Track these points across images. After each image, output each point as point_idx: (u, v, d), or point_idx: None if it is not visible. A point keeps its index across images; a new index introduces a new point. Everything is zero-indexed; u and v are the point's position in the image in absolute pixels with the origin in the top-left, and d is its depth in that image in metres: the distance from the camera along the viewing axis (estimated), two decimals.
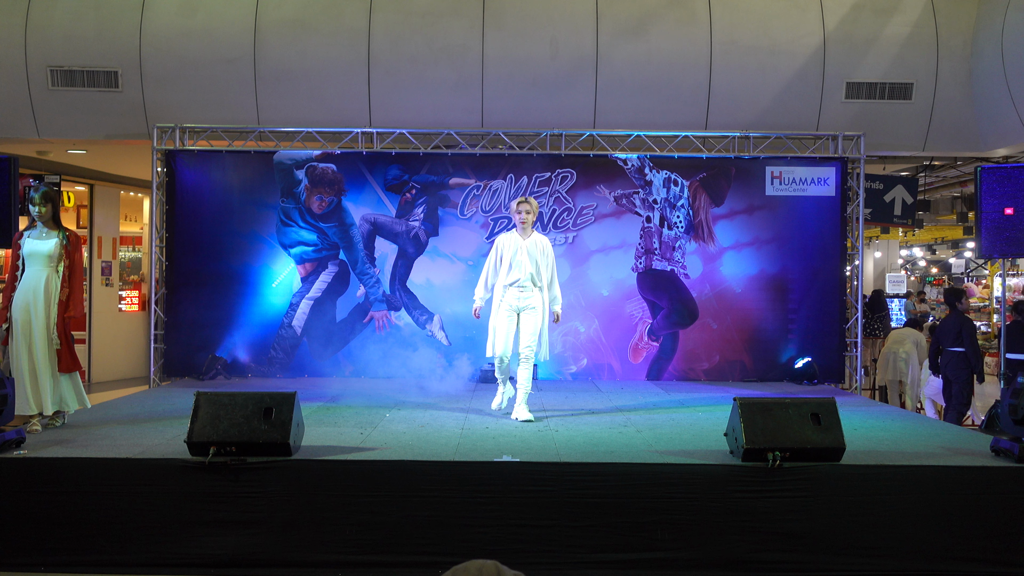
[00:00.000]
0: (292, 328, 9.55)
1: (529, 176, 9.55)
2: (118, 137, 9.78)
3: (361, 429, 6.29)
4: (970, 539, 5.05)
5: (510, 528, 5.01)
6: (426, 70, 9.57)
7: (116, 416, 6.86)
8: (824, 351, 9.55)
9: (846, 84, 9.70)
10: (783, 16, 9.68)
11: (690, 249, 9.65)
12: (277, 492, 5.08)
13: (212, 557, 4.98)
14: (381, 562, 4.96)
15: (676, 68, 9.63)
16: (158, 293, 9.47)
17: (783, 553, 5.01)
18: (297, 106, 9.60)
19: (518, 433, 6.26)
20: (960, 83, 9.75)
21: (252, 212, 9.58)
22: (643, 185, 9.61)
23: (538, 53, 9.58)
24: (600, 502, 5.06)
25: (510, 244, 6.90)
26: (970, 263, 22.43)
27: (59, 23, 9.41)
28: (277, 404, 5.23)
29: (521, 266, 6.82)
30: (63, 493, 5.10)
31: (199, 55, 9.47)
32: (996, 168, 6.77)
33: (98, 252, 12.28)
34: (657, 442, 5.94)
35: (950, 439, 6.25)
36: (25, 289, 6.18)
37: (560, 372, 9.63)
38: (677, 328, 9.65)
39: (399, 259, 9.63)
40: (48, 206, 6.28)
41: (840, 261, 9.62)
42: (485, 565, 1.72)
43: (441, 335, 9.59)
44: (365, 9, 9.51)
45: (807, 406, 5.29)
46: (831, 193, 9.57)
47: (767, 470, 5.06)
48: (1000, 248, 6.73)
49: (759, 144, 9.61)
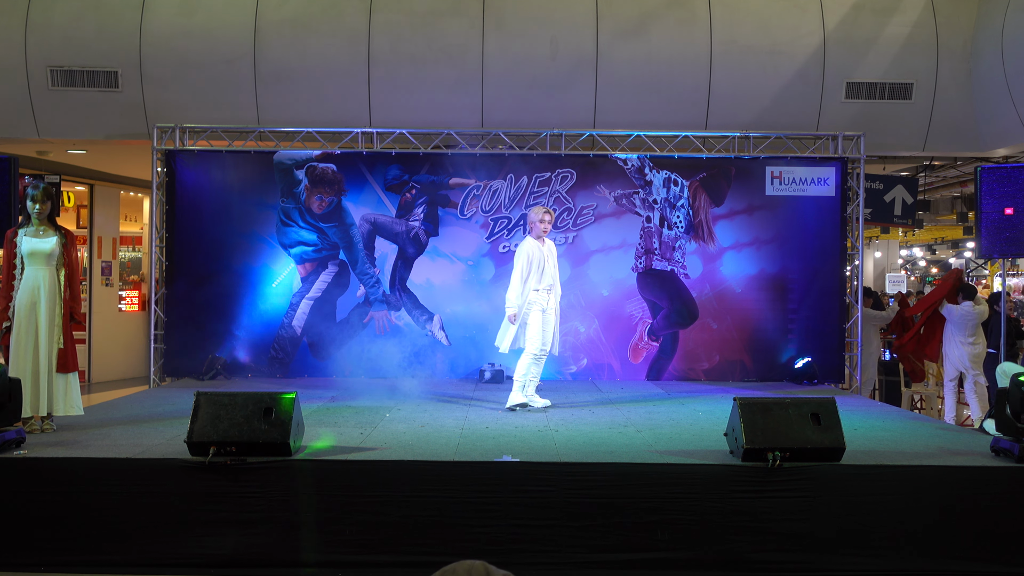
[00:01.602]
0: (292, 328, 9.55)
1: (529, 176, 9.55)
2: (118, 137, 9.78)
3: (361, 429, 6.29)
4: (970, 539, 5.05)
5: (510, 528, 5.01)
6: (426, 70, 9.57)
7: (116, 416, 6.86)
8: (824, 351, 9.55)
9: (846, 84, 9.71)
10: (783, 16, 9.68)
11: (690, 249, 9.65)
12: (277, 492, 5.07)
13: (212, 557, 4.98)
14: (381, 562, 4.96)
15: (676, 68, 9.64)
16: (158, 293, 9.47)
17: (783, 553, 5.01)
18: (297, 106, 9.60)
19: (518, 433, 6.26)
20: (960, 83, 9.75)
21: (252, 212, 9.57)
22: (643, 185, 9.61)
23: (538, 53, 9.58)
24: (600, 502, 5.06)
25: (536, 251, 7.31)
26: (970, 263, 22.44)
27: (59, 23, 9.41)
28: (277, 404, 5.23)
29: (548, 272, 7.35)
30: (63, 493, 5.10)
31: (199, 55, 9.47)
32: (996, 168, 6.78)
33: (98, 252, 12.28)
34: (657, 442, 5.94)
35: (950, 439, 6.25)
36: (28, 289, 6.10)
37: (560, 372, 9.62)
38: (677, 328, 9.65)
39: (399, 259, 9.63)
40: (48, 203, 6.23)
41: (840, 261, 9.61)
42: (474, 566, 1.72)
43: (441, 335, 9.59)
44: (365, 9, 9.51)
45: (807, 406, 5.29)
46: (831, 193, 9.57)
47: (767, 470, 5.06)
48: (1000, 248, 6.74)
49: (759, 144, 9.61)
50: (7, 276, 6.18)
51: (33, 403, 6.08)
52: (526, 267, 7.25)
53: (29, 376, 6.07)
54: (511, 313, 7.25)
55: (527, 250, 7.29)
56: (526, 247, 7.32)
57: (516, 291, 7.24)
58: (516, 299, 7.25)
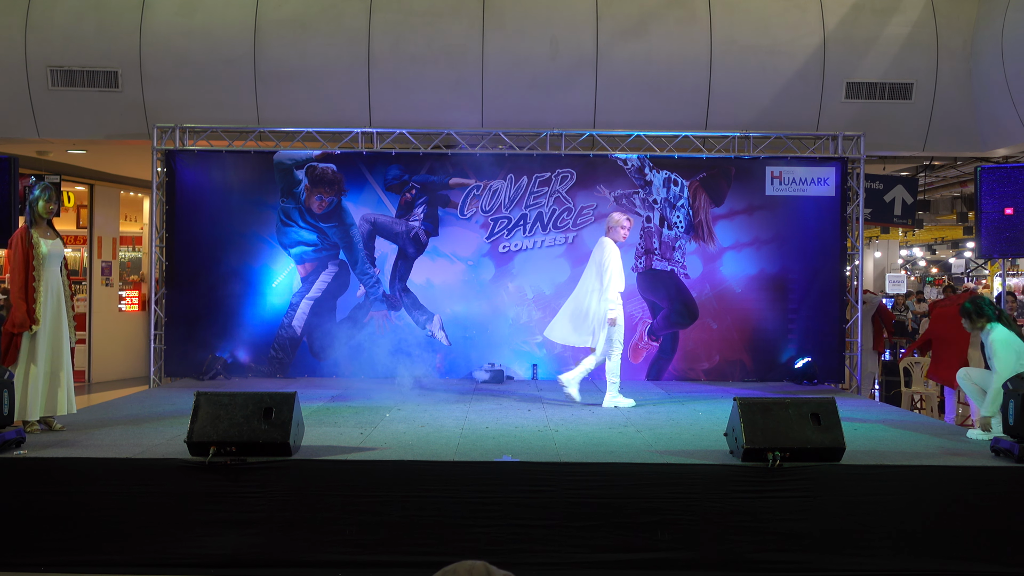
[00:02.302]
0: (292, 328, 9.55)
1: (529, 176, 9.55)
2: (118, 137, 9.78)
3: (361, 429, 6.29)
4: (970, 539, 5.05)
5: (510, 528, 5.01)
6: (426, 70, 9.57)
7: (116, 416, 6.86)
8: (824, 351, 9.55)
9: (846, 84, 9.70)
10: (783, 16, 9.68)
11: (690, 249, 9.65)
12: (277, 492, 5.07)
13: (212, 557, 4.98)
14: (381, 562, 4.96)
15: (676, 68, 9.64)
16: (158, 293, 9.47)
17: (783, 553, 5.01)
18: (297, 106, 9.60)
19: (518, 433, 6.26)
20: (960, 83, 9.75)
21: (252, 212, 9.57)
22: (643, 185, 9.61)
23: (538, 53, 9.58)
24: (600, 502, 5.06)
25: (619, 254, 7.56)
26: (970, 263, 22.44)
27: (59, 23, 9.41)
28: (277, 404, 5.23)
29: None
30: (63, 493, 5.10)
31: (199, 55, 9.47)
32: (996, 168, 6.78)
33: (98, 252, 12.28)
34: (657, 442, 5.94)
35: (950, 439, 6.25)
36: (53, 292, 6.07)
37: (560, 372, 9.59)
38: (677, 328, 9.65)
39: (399, 259, 9.63)
40: (57, 204, 6.25)
41: (840, 261, 9.61)
42: (475, 566, 1.72)
43: (441, 335, 9.59)
44: (365, 9, 9.51)
45: (807, 406, 5.29)
46: (831, 193, 9.57)
47: (767, 470, 5.06)
48: (1000, 248, 6.74)
49: (759, 144, 9.61)
50: (30, 278, 6.02)
51: (50, 404, 6.09)
52: (620, 268, 7.44)
53: (46, 378, 6.05)
54: (614, 316, 7.35)
55: (617, 254, 7.47)
56: (616, 251, 7.47)
57: (616, 291, 7.38)
58: (617, 299, 7.39)
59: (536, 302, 9.61)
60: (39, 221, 6.14)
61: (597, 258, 7.55)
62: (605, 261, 7.42)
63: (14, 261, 6.02)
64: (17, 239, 6.05)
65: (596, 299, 7.47)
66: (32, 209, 6.11)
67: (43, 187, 6.16)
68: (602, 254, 7.48)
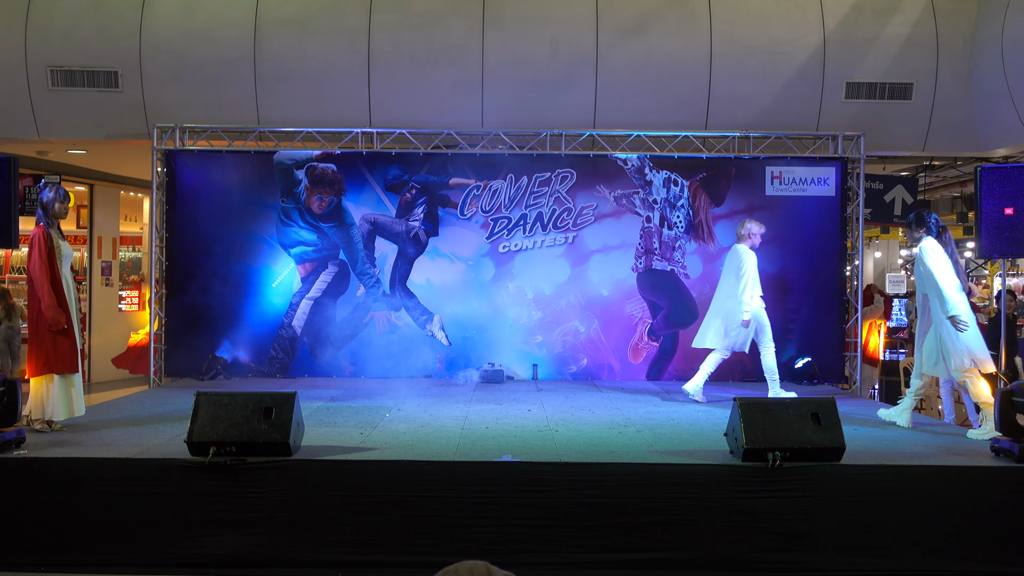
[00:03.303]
0: (292, 328, 9.56)
1: (529, 176, 9.55)
2: (118, 137, 9.78)
3: (361, 429, 6.29)
4: (970, 539, 5.05)
5: (510, 528, 5.01)
6: (426, 70, 9.57)
7: (116, 416, 6.86)
8: (824, 351, 9.55)
9: (846, 84, 9.70)
10: (783, 16, 9.68)
11: (690, 249, 9.65)
12: (277, 492, 5.08)
13: (212, 557, 4.98)
14: (381, 562, 4.96)
15: (676, 68, 9.64)
16: (158, 293, 9.47)
17: (783, 553, 5.01)
18: (297, 106, 9.60)
19: (518, 433, 6.26)
20: (960, 83, 9.75)
21: (252, 212, 9.58)
22: (643, 185, 9.61)
23: (538, 53, 9.58)
24: (600, 502, 5.06)
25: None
26: (970, 263, 22.42)
27: (59, 23, 9.41)
28: (277, 404, 5.23)
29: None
30: (63, 493, 5.10)
31: (199, 55, 9.47)
32: (996, 168, 6.77)
33: (98, 252, 12.28)
34: (657, 442, 5.94)
35: (950, 439, 6.25)
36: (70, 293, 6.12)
37: (560, 372, 9.62)
38: (677, 328, 9.65)
39: (399, 259, 9.63)
40: (67, 206, 6.26)
41: (840, 261, 9.62)
42: (476, 566, 1.72)
43: (441, 335, 9.59)
44: (365, 9, 9.51)
45: (807, 406, 5.30)
46: (831, 193, 9.57)
47: (767, 470, 5.06)
48: (1000, 248, 6.72)
49: (759, 144, 9.61)
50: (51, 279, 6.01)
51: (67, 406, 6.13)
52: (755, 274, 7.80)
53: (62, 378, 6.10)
54: (747, 318, 7.68)
55: (754, 260, 7.83)
56: (752, 257, 7.82)
57: (750, 294, 7.73)
58: (751, 302, 7.74)
59: (536, 302, 9.61)
60: (53, 223, 6.15)
61: (734, 264, 7.85)
62: (743, 267, 7.75)
63: (39, 263, 5.98)
64: (39, 242, 6.02)
65: (733, 303, 7.77)
66: (48, 211, 6.11)
67: (55, 188, 6.16)
68: (739, 260, 7.81)
